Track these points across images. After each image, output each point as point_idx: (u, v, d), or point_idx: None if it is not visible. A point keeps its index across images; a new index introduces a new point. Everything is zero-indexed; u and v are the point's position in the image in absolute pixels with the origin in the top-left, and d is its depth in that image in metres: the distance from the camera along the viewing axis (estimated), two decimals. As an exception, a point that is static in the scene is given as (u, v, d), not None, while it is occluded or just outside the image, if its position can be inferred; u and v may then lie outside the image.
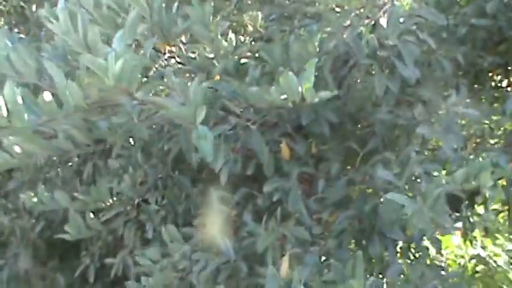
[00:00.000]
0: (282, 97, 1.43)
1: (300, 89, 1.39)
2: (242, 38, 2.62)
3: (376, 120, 2.12)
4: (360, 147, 2.17)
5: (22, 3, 3.87)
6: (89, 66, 1.29)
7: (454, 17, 2.37)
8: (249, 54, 2.41)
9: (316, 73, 1.94)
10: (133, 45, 1.84)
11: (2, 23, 4.43)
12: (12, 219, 2.94)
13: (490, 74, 2.72)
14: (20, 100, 1.35)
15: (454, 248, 3.85)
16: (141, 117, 1.64)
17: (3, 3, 4.23)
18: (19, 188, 2.84)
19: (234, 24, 2.80)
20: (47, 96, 1.40)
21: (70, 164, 2.67)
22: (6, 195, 3.02)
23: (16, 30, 4.20)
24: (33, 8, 3.70)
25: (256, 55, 2.44)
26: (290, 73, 1.37)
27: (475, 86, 2.71)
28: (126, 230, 2.36)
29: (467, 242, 2.81)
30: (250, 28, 2.79)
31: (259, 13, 2.60)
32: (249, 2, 2.92)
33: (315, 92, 1.38)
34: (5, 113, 1.33)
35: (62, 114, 1.45)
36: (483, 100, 2.83)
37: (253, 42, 2.66)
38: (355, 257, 1.55)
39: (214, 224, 2.13)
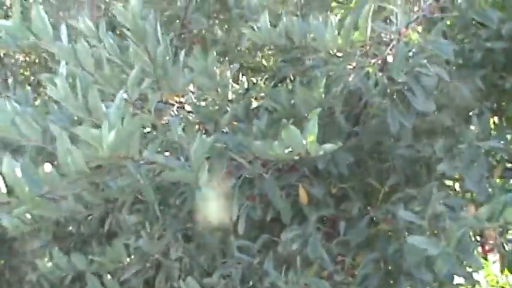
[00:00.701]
0: (287, 151, 1.38)
1: (304, 142, 1.34)
2: (254, 79, 2.60)
3: (395, 156, 2.06)
4: (380, 183, 2.11)
5: (45, 55, 3.92)
6: (82, 137, 1.26)
7: (470, 40, 2.30)
8: (262, 95, 2.38)
9: (328, 116, 1.92)
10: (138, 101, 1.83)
11: (28, 73, 4.50)
12: (41, 276, 2.94)
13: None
14: (19, 173, 1.34)
15: (494, 277, 3.68)
16: (148, 176, 1.61)
17: (28, 55, 4.30)
18: (45, 245, 2.83)
19: (249, 64, 2.77)
20: (47, 166, 1.38)
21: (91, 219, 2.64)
22: (34, 253, 3.02)
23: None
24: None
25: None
26: (292, 127, 1.32)
27: (502, 105, 2.62)
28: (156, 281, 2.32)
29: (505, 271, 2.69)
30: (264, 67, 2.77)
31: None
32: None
33: (318, 146, 1.33)
34: (4, 189, 1.31)
35: (64, 182, 1.43)
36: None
37: (266, 82, 2.63)
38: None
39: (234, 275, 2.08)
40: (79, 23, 1.88)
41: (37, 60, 4.54)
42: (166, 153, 1.85)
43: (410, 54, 1.75)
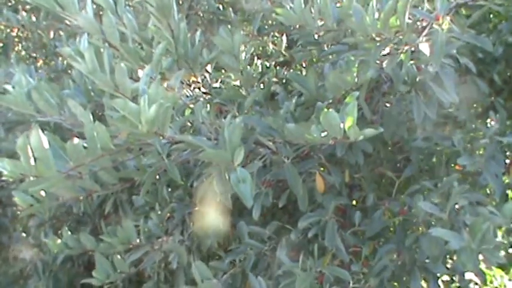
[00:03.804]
0: (323, 134, 1.34)
1: (342, 126, 1.30)
2: (267, 63, 2.55)
3: (412, 147, 2.04)
4: (395, 174, 2.08)
5: (40, 31, 3.81)
6: (120, 110, 1.21)
7: (488, 34, 2.29)
8: (275, 79, 2.34)
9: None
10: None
11: (20, 48, 4.39)
12: (34, 254, 2.90)
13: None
14: (46, 146, 1.28)
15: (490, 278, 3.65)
16: (172, 156, 1.56)
17: (21, 29, 4.16)
18: (41, 224, 2.78)
19: (260, 48, 2.72)
20: (75, 140, 1.33)
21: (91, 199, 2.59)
22: (28, 231, 2.98)
23: (34, 55, 4.18)
24: (51, 35, 3.64)
25: (283, 81, 2.38)
26: (331, 110, 1.28)
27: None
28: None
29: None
30: (272, 52, 2.72)
31: (284, 37, 2.53)
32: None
33: (358, 130, 1.29)
34: (33, 162, 1.25)
35: (89, 158, 1.38)
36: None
37: (277, 67, 2.59)
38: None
39: (245, 260, 2.05)
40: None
41: (29, 36, 4.40)
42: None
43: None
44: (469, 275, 2.15)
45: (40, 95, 1.62)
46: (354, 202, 2.20)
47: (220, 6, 3.17)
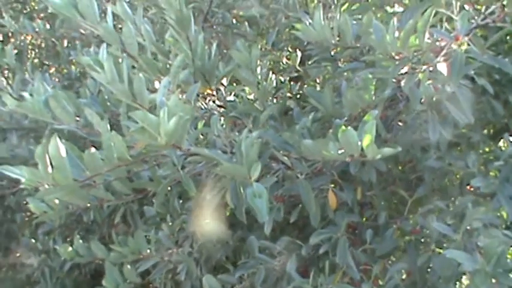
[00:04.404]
0: (340, 151, 1.34)
1: (359, 143, 1.30)
2: (281, 78, 2.56)
3: (425, 167, 2.03)
4: (407, 192, 2.08)
5: (54, 39, 3.83)
6: (139, 122, 1.21)
7: (504, 56, 2.28)
8: (289, 95, 2.35)
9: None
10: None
11: (33, 55, 4.41)
12: (42, 260, 2.91)
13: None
14: (64, 154, 1.28)
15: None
16: (186, 168, 1.56)
17: (35, 36, 4.18)
18: (50, 231, 2.79)
19: (272, 63, 2.73)
20: (92, 150, 1.33)
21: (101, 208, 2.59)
22: (36, 238, 2.98)
23: (46, 62, 4.19)
24: (65, 43, 3.66)
25: (297, 96, 2.38)
26: (349, 127, 1.28)
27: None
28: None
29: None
30: (285, 66, 2.73)
31: (299, 52, 2.53)
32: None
33: (376, 149, 1.29)
34: (50, 169, 1.26)
35: (106, 168, 1.38)
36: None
37: (291, 82, 2.60)
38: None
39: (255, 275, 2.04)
40: (116, 7, 1.83)
41: (43, 44, 4.42)
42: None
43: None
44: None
45: (58, 102, 1.63)
46: (365, 220, 2.19)
47: (235, 20, 3.18)
